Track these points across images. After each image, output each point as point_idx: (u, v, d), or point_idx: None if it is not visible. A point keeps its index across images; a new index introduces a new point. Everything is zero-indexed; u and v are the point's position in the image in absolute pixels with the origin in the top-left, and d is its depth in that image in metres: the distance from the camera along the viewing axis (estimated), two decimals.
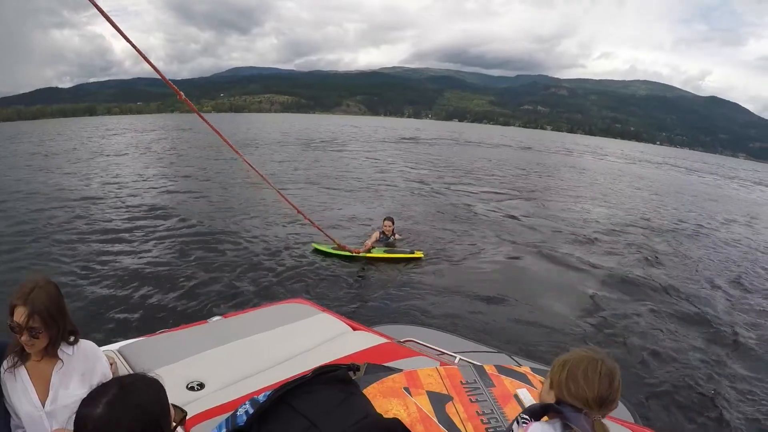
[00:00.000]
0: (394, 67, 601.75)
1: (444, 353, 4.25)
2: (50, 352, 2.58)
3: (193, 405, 3.12)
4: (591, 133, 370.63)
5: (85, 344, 2.75)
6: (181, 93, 7.44)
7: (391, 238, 12.28)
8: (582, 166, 49.78)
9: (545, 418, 2.17)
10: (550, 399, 2.20)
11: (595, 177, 39.37)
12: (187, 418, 2.78)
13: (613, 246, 15.79)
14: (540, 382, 3.31)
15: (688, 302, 11.10)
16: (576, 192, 28.43)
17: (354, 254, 11.38)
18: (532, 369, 3.67)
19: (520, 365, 4.12)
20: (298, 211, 10.09)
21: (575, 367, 2.11)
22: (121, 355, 3.69)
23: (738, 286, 13.00)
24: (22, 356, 2.53)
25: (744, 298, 12.07)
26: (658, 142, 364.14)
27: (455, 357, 4.14)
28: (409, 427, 2.59)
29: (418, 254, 11.61)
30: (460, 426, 2.80)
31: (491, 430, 2.81)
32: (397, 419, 2.62)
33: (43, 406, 2.53)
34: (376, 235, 12.17)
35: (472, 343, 5.46)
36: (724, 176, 67.41)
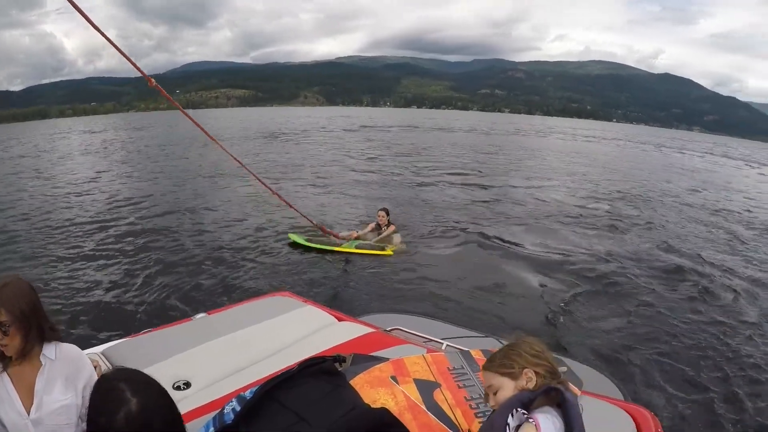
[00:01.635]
0: (350, 56, 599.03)
1: (431, 340, 4.22)
2: (31, 356, 2.52)
3: (180, 404, 2.98)
4: (548, 113, 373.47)
5: (68, 348, 2.69)
6: (152, 79, 7.29)
7: (384, 229, 12.07)
8: (543, 146, 51.33)
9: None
10: (517, 391, 2.19)
11: (557, 156, 40.58)
12: None
13: (587, 220, 16.34)
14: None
15: (665, 271, 11.39)
16: (541, 172, 29.17)
17: (328, 248, 11.29)
18: None
19: None
20: (276, 194, 10.03)
21: (527, 351, 2.22)
22: (105, 357, 3.61)
23: (709, 247, 13.73)
24: (3, 362, 2.46)
25: (715, 258, 12.67)
26: (614, 120, 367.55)
27: (442, 343, 4.10)
28: (397, 416, 2.58)
29: (389, 251, 11.38)
30: (448, 412, 2.81)
31: (480, 414, 2.82)
32: (385, 409, 2.61)
33: (28, 414, 2.47)
34: (371, 226, 12.14)
35: (459, 328, 5.44)
36: (680, 148, 69.40)
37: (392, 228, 12.12)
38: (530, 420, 2.04)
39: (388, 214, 12.31)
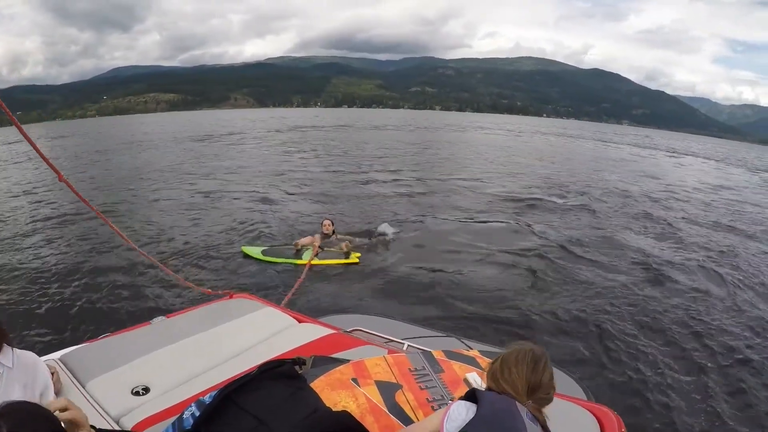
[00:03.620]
0: (280, 57, 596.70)
1: (392, 341, 4.22)
2: None
3: (139, 410, 3.02)
4: (479, 110, 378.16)
5: (25, 354, 2.64)
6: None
7: (332, 237, 11.70)
8: (476, 141, 52.02)
9: None
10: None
11: (491, 150, 41.00)
12: (134, 424, 2.81)
13: (533, 211, 16.95)
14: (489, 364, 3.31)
15: (618, 258, 11.93)
16: (476, 165, 29.98)
17: (285, 261, 10.94)
18: (482, 352, 3.69)
19: (470, 348, 4.11)
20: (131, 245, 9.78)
21: (508, 356, 2.32)
22: (62, 363, 3.52)
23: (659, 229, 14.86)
24: None
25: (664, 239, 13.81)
26: (544, 115, 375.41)
27: (403, 344, 4.12)
28: (359, 419, 2.56)
29: (354, 258, 11.09)
30: (410, 414, 2.79)
31: (426, 418, 2.77)
32: (347, 412, 2.59)
33: None
34: (317, 238, 11.68)
35: (420, 328, 5.44)
36: (608, 141, 72.57)
37: (339, 237, 11.80)
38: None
39: (333, 224, 11.91)
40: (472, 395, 2.29)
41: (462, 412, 2.22)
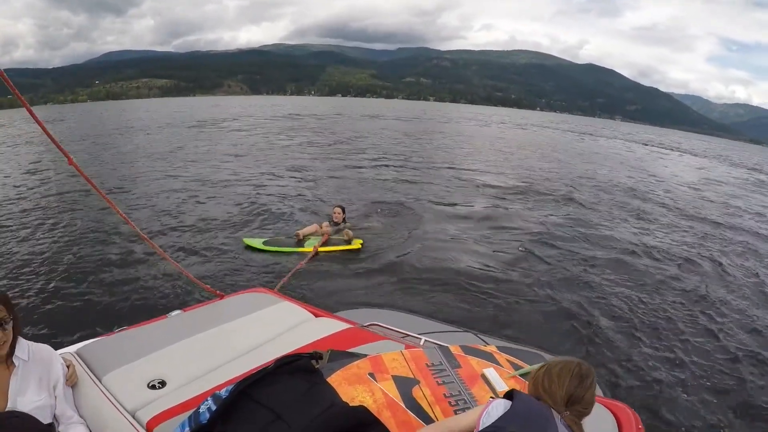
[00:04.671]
0: (275, 45, 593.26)
1: (409, 335, 4.24)
2: (8, 356, 2.48)
3: (155, 404, 3.02)
4: (473, 102, 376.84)
5: (40, 348, 2.68)
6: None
7: (341, 225, 11.55)
8: (474, 133, 51.82)
9: None
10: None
11: (491, 142, 41.27)
12: (150, 417, 2.81)
13: (544, 204, 17.09)
14: (507, 360, 3.35)
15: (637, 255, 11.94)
16: (473, 156, 30.17)
17: (287, 251, 10.80)
18: (499, 347, 3.67)
19: (486, 344, 4.14)
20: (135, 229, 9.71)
21: (553, 366, 2.40)
22: (79, 356, 3.50)
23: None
24: None
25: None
26: (538, 108, 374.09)
27: (420, 339, 4.14)
28: (375, 414, 2.59)
29: (357, 245, 11.00)
30: (427, 409, 2.78)
31: (459, 411, 2.79)
32: (363, 407, 2.61)
33: None
34: (325, 226, 11.52)
35: (436, 323, 5.46)
36: (602, 136, 72.70)
37: (349, 225, 11.67)
38: (491, 399, 2.46)
39: (344, 211, 11.77)
40: (510, 395, 2.34)
41: (500, 409, 2.28)
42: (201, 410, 2.56)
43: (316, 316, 4.53)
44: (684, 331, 7.97)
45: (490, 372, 3.11)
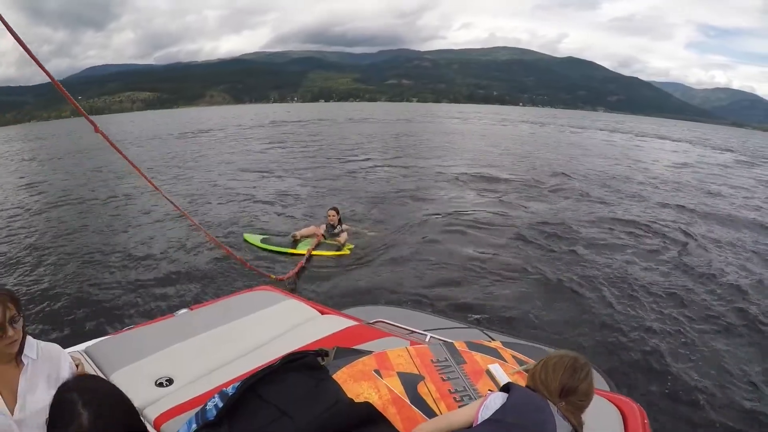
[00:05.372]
0: (256, 53, 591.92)
1: (414, 332, 4.25)
2: (17, 354, 2.46)
3: (163, 401, 3.07)
4: (456, 101, 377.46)
5: (49, 346, 2.65)
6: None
7: (337, 229, 11.59)
8: (460, 131, 51.93)
9: None
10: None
11: (480, 140, 41.42)
12: (157, 415, 2.85)
13: (543, 196, 17.44)
14: (512, 356, 3.36)
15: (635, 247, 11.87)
16: (463, 154, 30.23)
17: (282, 251, 11.04)
18: (504, 343, 3.69)
19: (492, 340, 4.13)
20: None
21: (549, 359, 2.46)
22: (87, 355, 3.56)
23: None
24: None
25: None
26: (521, 104, 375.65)
27: (426, 335, 4.14)
28: (381, 410, 2.61)
29: (345, 251, 11.09)
30: (432, 405, 2.79)
31: (464, 406, 2.76)
32: (368, 403, 2.62)
33: (12, 414, 2.39)
34: (320, 229, 11.58)
35: (442, 319, 5.48)
36: (582, 127, 74.64)
37: (344, 227, 11.74)
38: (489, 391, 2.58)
39: (338, 213, 11.73)
40: (507, 388, 2.43)
41: (498, 402, 2.36)
42: (208, 407, 2.59)
43: (322, 313, 4.56)
44: (708, 331, 7.86)
45: (495, 368, 3.11)
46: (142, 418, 1.96)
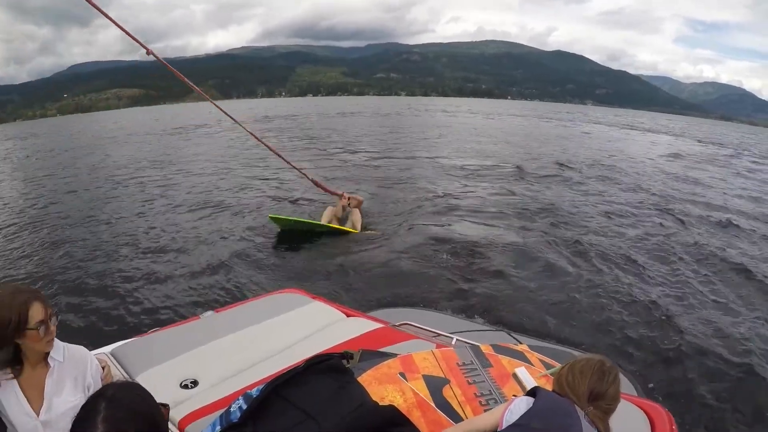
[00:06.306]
0: (243, 47, 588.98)
1: (440, 335, 4.23)
2: (44, 356, 2.51)
3: (187, 403, 3.08)
4: (445, 94, 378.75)
5: (75, 348, 2.68)
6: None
7: (348, 209, 12.26)
8: (450, 124, 52.82)
9: None
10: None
11: (471, 132, 42.59)
12: (182, 416, 2.87)
13: (531, 184, 17.91)
14: (539, 360, 3.34)
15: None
16: (459, 145, 31.00)
17: (306, 222, 11.72)
18: (531, 346, 3.68)
19: (519, 343, 4.15)
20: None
21: (576, 363, 2.42)
22: (113, 356, 3.59)
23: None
24: (15, 369, 2.44)
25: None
26: (509, 97, 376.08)
27: (452, 338, 4.12)
28: (405, 414, 2.59)
29: (353, 230, 11.79)
30: (458, 409, 2.77)
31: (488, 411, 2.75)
32: (393, 406, 2.61)
33: (38, 416, 2.44)
34: (338, 207, 12.33)
35: (468, 322, 5.53)
36: (571, 120, 74.85)
37: (355, 202, 12.29)
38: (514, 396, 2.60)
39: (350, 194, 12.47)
40: (533, 392, 2.40)
41: (523, 406, 2.32)
42: (232, 409, 2.59)
43: (348, 316, 4.55)
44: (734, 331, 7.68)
45: (522, 371, 3.07)
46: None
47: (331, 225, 11.65)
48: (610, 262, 10.26)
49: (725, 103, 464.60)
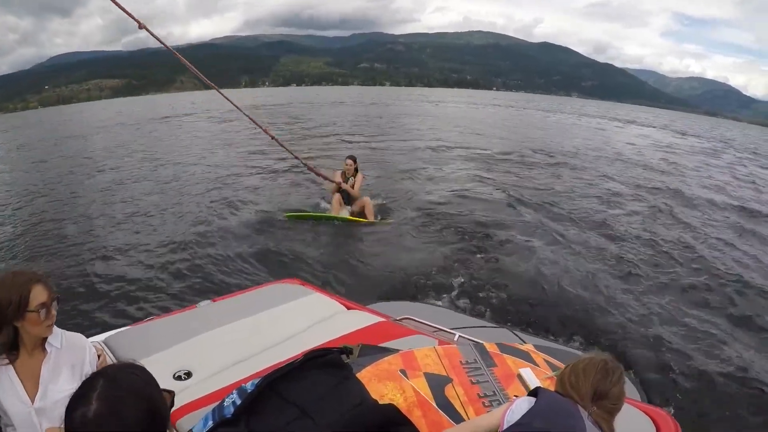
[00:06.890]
0: (226, 37, 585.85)
1: (442, 331, 4.13)
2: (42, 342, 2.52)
3: (180, 395, 3.01)
4: (429, 85, 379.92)
5: (73, 336, 2.69)
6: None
7: (351, 179, 11.67)
8: (435, 113, 53.32)
9: None
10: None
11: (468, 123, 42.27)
12: (174, 409, 2.75)
13: (527, 175, 18.04)
14: (544, 360, 3.29)
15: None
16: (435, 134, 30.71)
17: (322, 215, 11.60)
18: (536, 346, 3.61)
19: (523, 342, 4.14)
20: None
21: (579, 363, 2.39)
22: (107, 345, 3.58)
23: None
24: (12, 354, 2.45)
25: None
26: (494, 88, 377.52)
27: (454, 334, 4.01)
28: (405, 413, 2.53)
29: (362, 219, 11.55)
30: (460, 409, 2.72)
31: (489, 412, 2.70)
32: (393, 405, 2.54)
33: (33, 403, 2.44)
34: (338, 174, 11.73)
35: (471, 318, 5.52)
36: (556, 111, 75.71)
37: (361, 177, 11.82)
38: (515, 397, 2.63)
39: (355, 161, 11.79)
40: (535, 392, 2.38)
41: (524, 406, 2.30)
42: (225, 404, 2.52)
43: (348, 308, 4.52)
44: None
45: (527, 372, 3.02)
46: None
47: (348, 217, 11.44)
48: (625, 262, 10.05)
49: (710, 99, 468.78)
